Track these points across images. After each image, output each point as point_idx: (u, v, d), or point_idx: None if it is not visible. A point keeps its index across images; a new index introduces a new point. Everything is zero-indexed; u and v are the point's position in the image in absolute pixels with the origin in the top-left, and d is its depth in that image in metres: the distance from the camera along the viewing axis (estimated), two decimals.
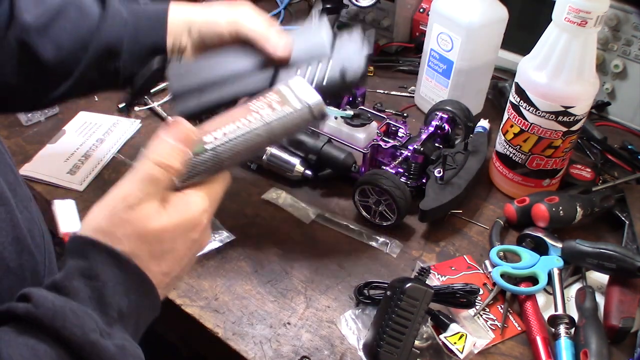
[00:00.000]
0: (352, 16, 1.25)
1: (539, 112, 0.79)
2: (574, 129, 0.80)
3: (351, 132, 0.86)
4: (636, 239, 0.80)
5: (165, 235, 0.48)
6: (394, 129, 0.89)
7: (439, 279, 0.76)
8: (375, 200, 0.80)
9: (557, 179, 0.88)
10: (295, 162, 0.87)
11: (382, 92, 1.11)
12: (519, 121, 0.82)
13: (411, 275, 0.76)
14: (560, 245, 0.76)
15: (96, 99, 1.03)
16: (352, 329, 0.70)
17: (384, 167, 0.85)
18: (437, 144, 0.89)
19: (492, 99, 1.09)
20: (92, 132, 0.97)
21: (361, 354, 0.67)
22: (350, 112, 0.85)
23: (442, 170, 0.82)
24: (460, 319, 0.71)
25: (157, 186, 0.48)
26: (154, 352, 0.51)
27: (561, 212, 0.79)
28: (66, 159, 0.91)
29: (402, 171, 0.85)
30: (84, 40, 0.66)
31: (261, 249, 0.79)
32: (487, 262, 0.78)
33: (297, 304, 0.73)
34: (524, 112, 0.81)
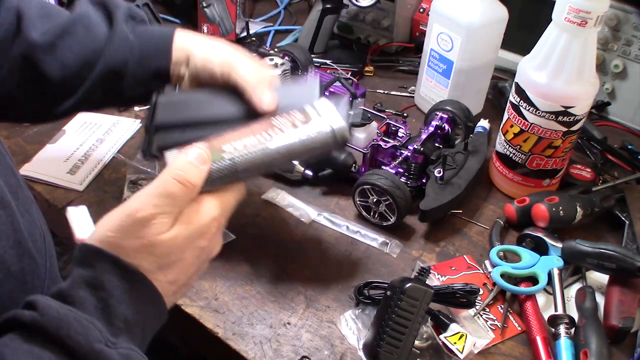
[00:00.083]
0: (352, 16, 1.24)
1: (539, 112, 0.79)
2: (574, 129, 0.80)
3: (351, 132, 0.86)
4: (636, 239, 0.80)
5: (174, 247, 0.48)
6: (394, 129, 0.89)
7: (439, 279, 0.76)
8: (375, 200, 0.80)
9: (557, 179, 0.88)
10: (295, 162, 0.87)
11: (382, 92, 1.11)
12: (519, 121, 0.82)
13: (411, 275, 0.76)
14: (560, 245, 0.76)
15: None
16: (352, 329, 0.69)
17: (384, 167, 0.85)
18: (437, 144, 0.89)
19: (492, 99, 1.09)
20: (92, 132, 0.97)
21: (361, 354, 0.67)
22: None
23: (442, 170, 0.82)
24: (460, 319, 0.71)
25: (173, 201, 0.48)
26: (154, 352, 0.51)
27: (561, 212, 0.79)
28: (66, 159, 0.91)
29: (402, 171, 0.85)
30: (90, 60, 0.65)
31: (261, 248, 0.79)
32: (487, 262, 0.78)
33: (297, 304, 0.73)
34: (524, 112, 0.81)
